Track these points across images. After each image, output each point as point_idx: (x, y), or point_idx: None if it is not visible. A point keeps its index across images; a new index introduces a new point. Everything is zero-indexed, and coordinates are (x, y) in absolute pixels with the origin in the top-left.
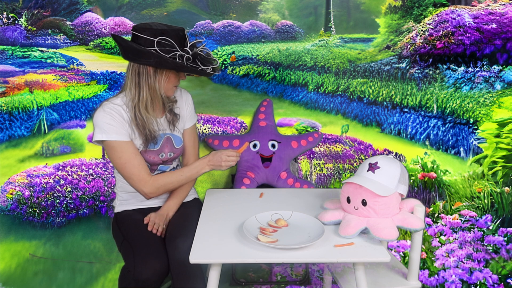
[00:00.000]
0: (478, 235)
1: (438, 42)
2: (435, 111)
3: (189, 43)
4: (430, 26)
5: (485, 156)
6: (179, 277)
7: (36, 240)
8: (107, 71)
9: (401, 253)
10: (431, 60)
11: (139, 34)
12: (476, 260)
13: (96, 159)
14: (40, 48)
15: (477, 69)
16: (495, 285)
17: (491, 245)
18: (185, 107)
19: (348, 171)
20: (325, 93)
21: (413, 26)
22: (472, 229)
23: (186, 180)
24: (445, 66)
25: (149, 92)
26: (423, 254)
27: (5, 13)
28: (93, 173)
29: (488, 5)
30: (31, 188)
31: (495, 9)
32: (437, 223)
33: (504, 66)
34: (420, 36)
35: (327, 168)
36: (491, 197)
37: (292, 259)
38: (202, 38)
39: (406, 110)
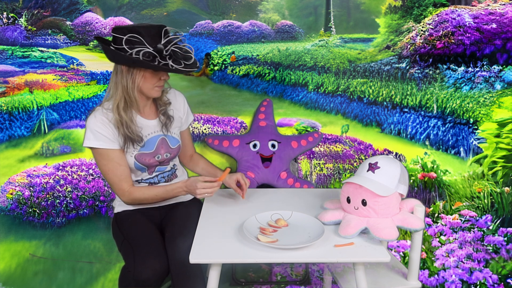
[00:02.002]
0: (478, 235)
1: (438, 42)
2: (435, 111)
3: (164, 40)
4: (430, 26)
5: (485, 156)
6: (179, 277)
7: (36, 240)
8: (107, 71)
9: (401, 253)
10: (431, 60)
11: (113, 34)
12: (476, 260)
13: None
14: (40, 48)
15: (477, 69)
16: (495, 285)
17: (491, 245)
18: (181, 109)
19: (348, 171)
20: (325, 93)
21: (413, 26)
22: (472, 229)
23: (161, 199)
24: (445, 66)
25: (122, 92)
26: (423, 254)
27: (5, 13)
28: (93, 173)
29: (488, 5)
30: (31, 188)
31: (495, 9)
32: (437, 223)
33: (504, 66)
34: (420, 36)
35: (327, 168)
36: (491, 197)
37: (292, 259)
38: (181, 34)
39: (406, 110)
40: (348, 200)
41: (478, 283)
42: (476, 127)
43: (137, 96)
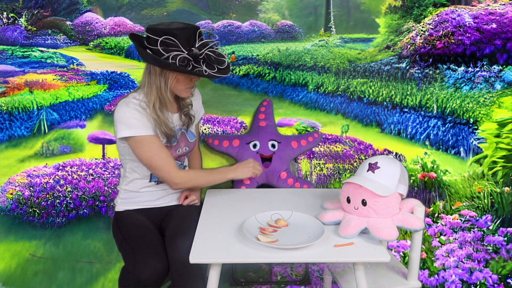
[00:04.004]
0: (478, 235)
1: (438, 42)
2: (435, 111)
3: (198, 43)
4: (430, 26)
5: (485, 156)
6: (179, 277)
7: (36, 240)
8: (107, 71)
9: (401, 253)
10: (431, 60)
11: (147, 34)
12: (476, 260)
13: (96, 159)
14: (40, 48)
15: (477, 69)
16: (495, 285)
17: (491, 245)
18: (199, 106)
19: (348, 171)
20: (325, 93)
21: (413, 26)
22: (472, 229)
23: (213, 181)
24: (445, 66)
25: (157, 93)
26: (423, 254)
27: (5, 13)
28: (93, 173)
29: (488, 5)
30: (31, 188)
31: (495, 9)
32: (437, 223)
33: (504, 66)
34: (420, 36)
35: (327, 168)
36: (491, 197)
37: (292, 259)
38: (215, 37)
39: (406, 110)
40: (348, 200)
41: (478, 283)
42: (476, 127)
43: (170, 97)
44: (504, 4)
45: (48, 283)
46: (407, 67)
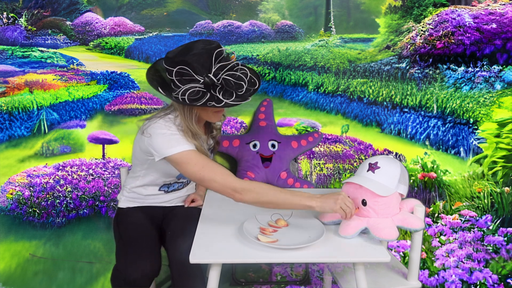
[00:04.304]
0: (478, 235)
1: (438, 42)
2: (435, 111)
3: (215, 66)
4: (430, 26)
5: (485, 156)
6: (179, 277)
7: (36, 240)
8: (107, 71)
9: (401, 253)
10: (431, 60)
11: (165, 65)
12: (476, 260)
13: (96, 159)
14: (40, 48)
15: (477, 69)
16: (495, 285)
17: (491, 245)
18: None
19: (348, 171)
20: (325, 93)
21: (413, 26)
22: (472, 229)
23: (283, 200)
24: (445, 66)
25: (184, 122)
26: (423, 254)
27: (5, 13)
28: (93, 173)
29: (488, 5)
30: (31, 188)
31: (495, 9)
32: (437, 223)
33: (504, 66)
34: (420, 36)
35: (327, 168)
36: (491, 197)
37: (292, 259)
38: (233, 54)
39: (406, 110)
40: None
41: (478, 283)
42: (476, 127)
43: (196, 126)
44: (504, 4)
45: (48, 283)
46: (407, 67)
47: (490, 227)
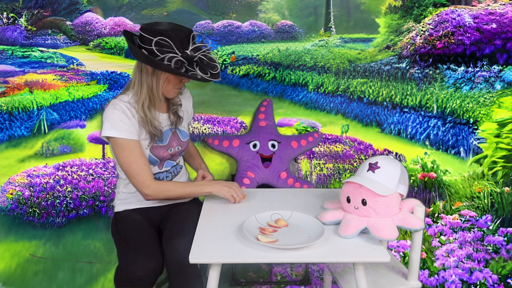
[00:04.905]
0: (478, 235)
1: (438, 42)
2: (435, 111)
3: (192, 46)
4: (430, 26)
5: (485, 156)
6: (177, 277)
7: (36, 240)
8: (107, 71)
9: (401, 253)
10: (431, 60)
11: (141, 33)
12: (476, 260)
13: (96, 159)
14: (40, 48)
15: (477, 69)
16: (495, 285)
17: (491, 245)
18: (189, 106)
19: (348, 171)
20: (325, 93)
21: (413, 26)
22: (472, 229)
23: (187, 194)
24: (445, 66)
25: (147, 91)
26: (423, 254)
27: (5, 13)
28: (93, 173)
29: (488, 5)
30: (31, 188)
31: (495, 9)
32: (437, 223)
33: (504, 66)
34: (420, 36)
35: (327, 168)
36: (491, 197)
37: (292, 259)
38: (208, 42)
39: (406, 110)
40: (348, 200)
41: (478, 283)
42: (476, 127)
43: (161, 96)
44: (504, 4)
45: (48, 283)
46: (407, 67)
47: (490, 227)
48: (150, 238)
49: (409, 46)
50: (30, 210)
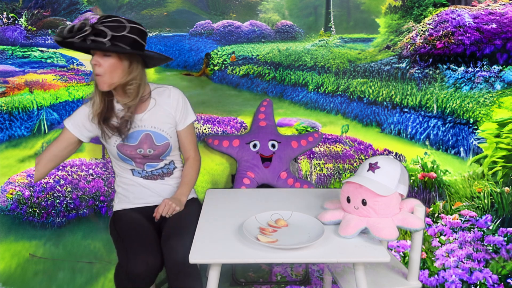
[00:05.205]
0: (478, 235)
1: (438, 42)
2: (435, 111)
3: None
4: (430, 26)
5: (485, 156)
6: (176, 277)
7: (36, 240)
8: None
9: (401, 253)
10: (431, 60)
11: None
12: (476, 260)
13: (96, 159)
14: (40, 48)
15: (477, 69)
16: (495, 285)
17: (491, 245)
18: (173, 106)
19: (348, 171)
20: (325, 93)
21: (413, 26)
22: (472, 229)
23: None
24: (445, 66)
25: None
26: (423, 254)
27: (5, 13)
28: (93, 173)
29: (488, 5)
30: (31, 188)
31: (495, 9)
32: (437, 223)
33: (504, 66)
34: (420, 36)
35: (327, 168)
36: (491, 197)
37: (292, 259)
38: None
39: (406, 110)
40: (348, 200)
41: (478, 283)
42: (476, 127)
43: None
44: (504, 4)
45: (48, 283)
46: (407, 67)
47: (490, 227)
48: (148, 235)
49: (409, 46)
50: (30, 210)
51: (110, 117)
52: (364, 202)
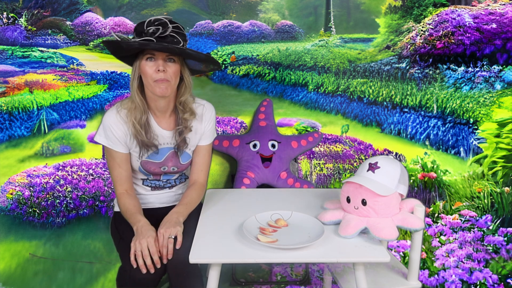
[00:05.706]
0: (478, 235)
1: (438, 42)
2: (435, 111)
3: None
4: (430, 26)
5: (485, 156)
6: (177, 277)
7: (36, 240)
8: (107, 71)
9: (401, 253)
10: (431, 60)
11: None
12: (476, 260)
13: (96, 159)
14: (40, 48)
15: (477, 69)
16: (495, 285)
17: (491, 245)
18: (204, 125)
19: (348, 171)
20: (325, 93)
21: (413, 26)
22: (472, 229)
23: (129, 220)
24: (445, 66)
25: (135, 95)
26: (423, 254)
27: (5, 13)
28: (93, 173)
29: (488, 5)
30: (31, 188)
31: (495, 9)
32: (437, 223)
33: (504, 66)
34: (420, 36)
35: (327, 168)
36: (491, 197)
37: (292, 259)
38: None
39: (406, 110)
40: (348, 200)
41: (478, 283)
42: (476, 127)
43: (138, 96)
44: (504, 4)
45: (48, 283)
46: (407, 67)
47: (490, 227)
48: None
49: (409, 46)
50: (30, 210)
51: (148, 132)
52: (364, 202)
